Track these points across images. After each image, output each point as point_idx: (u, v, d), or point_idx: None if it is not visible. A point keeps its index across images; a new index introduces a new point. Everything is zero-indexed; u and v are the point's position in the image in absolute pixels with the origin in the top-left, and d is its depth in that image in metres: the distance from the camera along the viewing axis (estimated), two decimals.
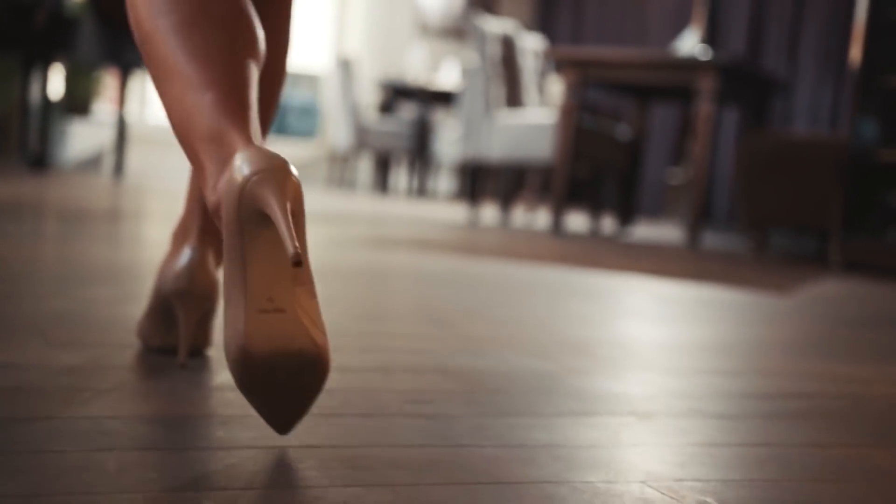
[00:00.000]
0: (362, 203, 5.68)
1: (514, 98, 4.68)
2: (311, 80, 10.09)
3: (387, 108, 7.85)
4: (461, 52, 8.87)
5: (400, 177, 8.83)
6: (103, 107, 8.37)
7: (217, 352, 1.07)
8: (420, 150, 7.24)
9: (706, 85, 4.04)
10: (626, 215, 4.88)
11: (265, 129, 0.99)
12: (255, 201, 0.69)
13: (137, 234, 2.52)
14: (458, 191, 8.26)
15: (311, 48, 9.82)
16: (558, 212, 4.33)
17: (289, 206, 0.68)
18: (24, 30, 5.64)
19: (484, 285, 2.02)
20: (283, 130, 9.31)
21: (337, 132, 7.66)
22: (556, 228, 4.33)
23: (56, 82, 5.90)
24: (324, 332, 0.73)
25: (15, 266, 1.69)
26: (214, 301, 0.98)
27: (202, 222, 0.99)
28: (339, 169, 7.86)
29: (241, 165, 0.70)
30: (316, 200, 5.45)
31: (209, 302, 0.97)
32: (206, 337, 1.04)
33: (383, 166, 7.88)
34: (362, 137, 7.40)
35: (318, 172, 8.66)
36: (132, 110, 8.65)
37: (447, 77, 7.71)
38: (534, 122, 4.39)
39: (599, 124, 4.57)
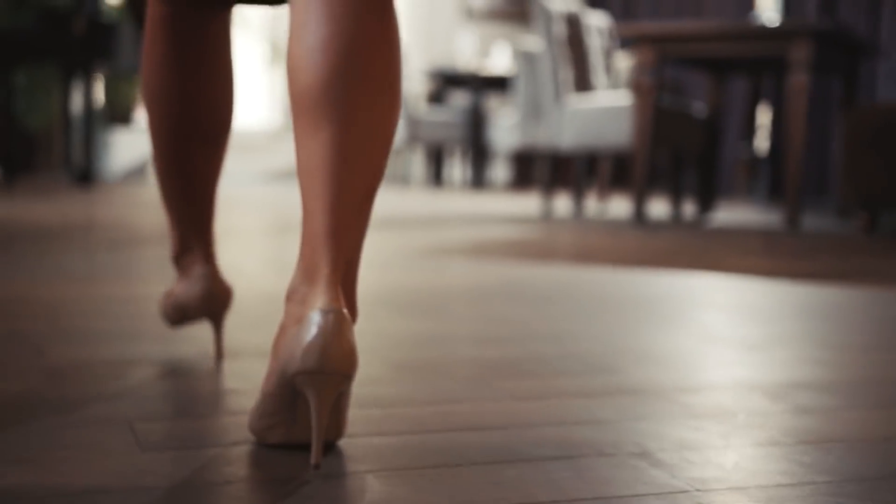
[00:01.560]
0: (417, 199, 5.46)
1: (582, 81, 4.41)
2: None
3: (436, 97, 7.61)
4: (511, 36, 8.59)
5: (454, 168, 8.59)
6: (143, 114, 8.22)
7: (352, 446, 0.85)
8: (474, 139, 7.00)
9: (800, 54, 3.74)
10: (708, 199, 4.59)
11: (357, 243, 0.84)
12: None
13: None
14: (514, 180, 8.00)
15: None
16: (640, 200, 4.06)
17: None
18: (63, 39, 5.49)
19: (572, 304, 1.77)
20: None
21: None
22: (639, 218, 4.06)
23: (98, 91, 5.74)
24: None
25: (70, 315, 1.47)
26: (353, 378, 0.78)
27: (333, 264, 0.79)
28: (390, 164, 7.64)
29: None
30: None
31: (348, 381, 0.77)
32: (341, 426, 0.84)
33: (436, 158, 7.65)
34: (413, 130, 7.18)
35: None
36: None
37: (499, 62, 7.45)
38: (608, 105, 4.12)
39: (677, 103, 4.29)
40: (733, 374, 1.17)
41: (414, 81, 8.18)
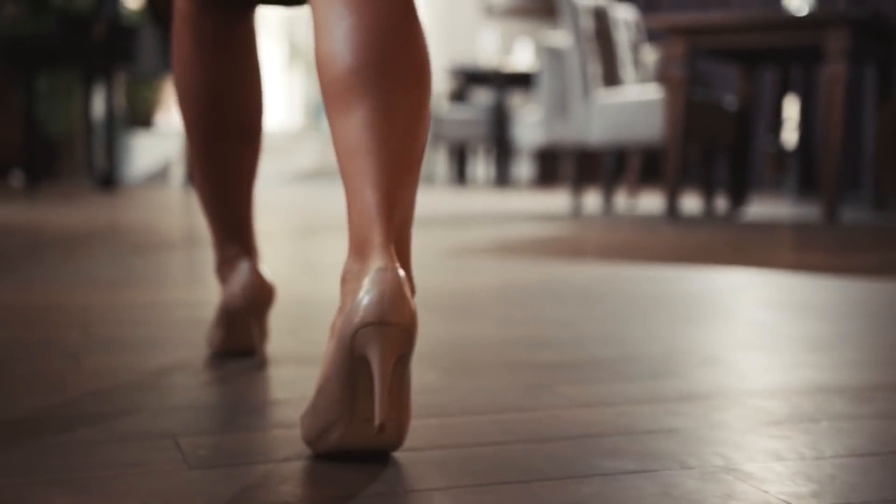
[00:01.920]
0: (441, 198, 5.40)
1: (610, 75, 4.34)
2: None
3: (459, 95, 7.56)
4: (532, 32, 8.52)
5: (477, 167, 8.53)
6: (165, 117, 8.22)
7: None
8: (498, 137, 6.94)
9: (836, 44, 3.66)
10: (740, 193, 4.51)
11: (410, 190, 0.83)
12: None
13: None
14: (538, 177, 7.93)
15: None
16: (672, 195, 3.98)
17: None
18: (83, 43, 5.47)
19: (617, 303, 1.71)
20: None
21: None
22: (672, 214, 3.99)
23: (119, 95, 5.72)
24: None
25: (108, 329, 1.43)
26: (415, 339, 0.75)
27: (385, 231, 0.77)
28: None
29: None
30: None
31: (410, 340, 0.74)
32: (403, 426, 0.78)
33: (460, 157, 7.59)
34: (436, 128, 7.12)
35: None
36: None
37: (521, 59, 7.38)
38: (638, 100, 4.05)
39: (707, 96, 4.21)
40: (805, 376, 1.10)
41: (436, 80, 8.12)
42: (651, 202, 5.44)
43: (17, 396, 0.97)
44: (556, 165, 7.90)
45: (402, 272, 0.74)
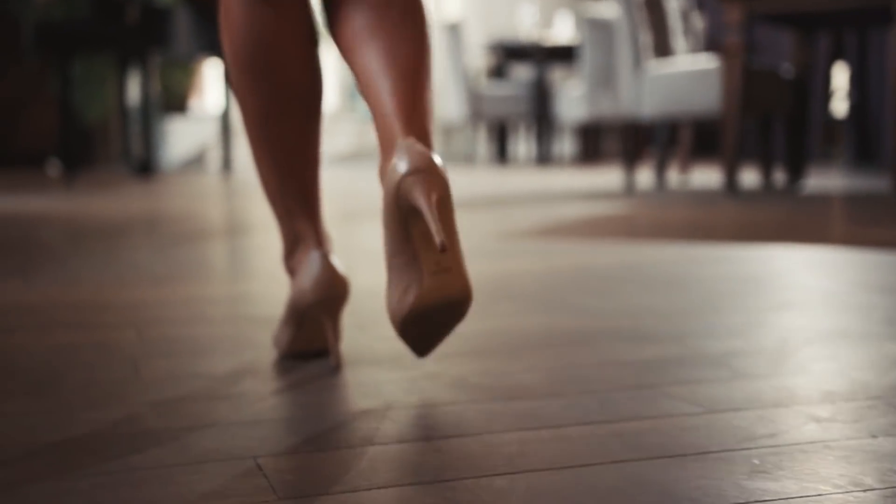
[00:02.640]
0: (483, 178, 5.29)
1: (661, 45, 4.19)
2: None
3: (498, 72, 7.42)
4: (572, 5, 8.35)
5: (518, 145, 8.39)
6: (200, 101, 8.16)
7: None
8: (539, 113, 6.80)
9: None
10: (799, 165, 4.35)
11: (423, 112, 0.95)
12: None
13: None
14: (580, 154, 7.79)
15: None
16: (731, 169, 3.84)
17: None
18: (117, 28, 5.41)
19: (703, 288, 1.59)
20: None
21: (447, 103, 7.27)
22: (731, 188, 3.85)
23: (154, 80, 5.66)
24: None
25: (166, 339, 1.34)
26: (448, 181, 0.90)
27: (405, 128, 0.91)
28: (452, 142, 7.48)
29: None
30: None
31: (447, 187, 0.89)
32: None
33: (500, 135, 7.46)
34: (476, 106, 7.00)
35: None
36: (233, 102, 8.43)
37: (562, 32, 7.23)
38: (692, 69, 3.90)
39: (764, 64, 4.05)
40: None
41: (474, 56, 7.99)
42: (703, 177, 5.29)
43: (76, 411, 0.88)
44: (599, 141, 7.75)
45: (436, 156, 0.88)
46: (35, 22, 5.35)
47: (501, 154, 7.46)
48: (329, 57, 8.57)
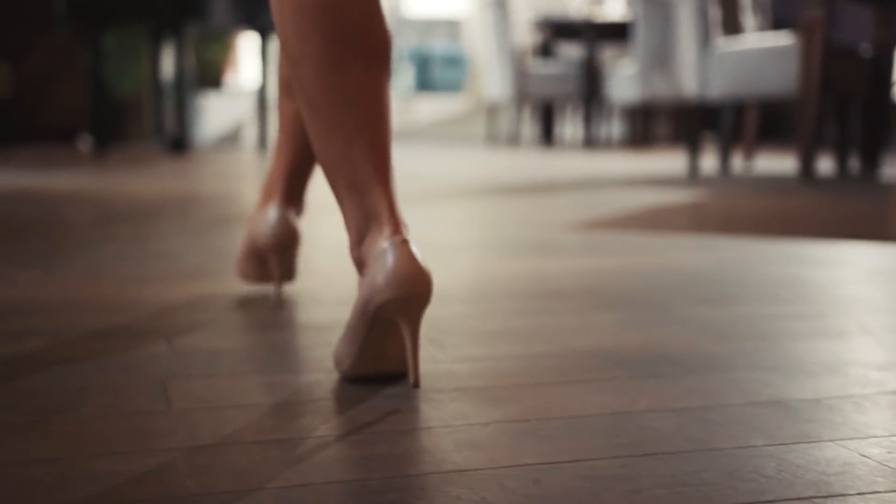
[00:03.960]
0: (531, 160, 5.07)
1: (730, 22, 3.95)
2: (450, 27, 9.49)
3: (544, 50, 7.18)
4: None
5: (565, 126, 8.14)
6: (235, 76, 8.00)
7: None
8: (589, 94, 6.56)
9: None
10: (875, 152, 4.10)
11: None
12: (393, 318, 0.85)
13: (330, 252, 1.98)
14: (631, 137, 7.54)
15: None
16: (808, 155, 3.60)
17: (420, 324, 0.85)
18: None
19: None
20: (426, 85, 8.75)
21: (492, 82, 7.05)
22: (807, 176, 3.61)
23: (188, 54, 5.49)
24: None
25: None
26: (298, 246, 1.26)
27: (286, 187, 1.27)
28: (495, 122, 7.26)
29: (388, 273, 0.83)
30: (474, 163, 4.87)
31: (294, 248, 1.26)
32: (292, 272, 1.30)
33: (546, 116, 7.23)
34: (521, 85, 6.77)
35: (471, 128, 8.09)
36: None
37: (613, 9, 6.98)
38: (767, 46, 3.66)
39: (842, 42, 3.79)
40: None
41: (521, 33, 7.76)
42: (769, 163, 5.04)
43: (91, 459, 0.69)
44: (649, 124, 7.50)
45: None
46: None
47: (547, 136, 7.24)
48: None
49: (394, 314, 0.84)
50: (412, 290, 0.83)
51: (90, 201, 2.75)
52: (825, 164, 4.82)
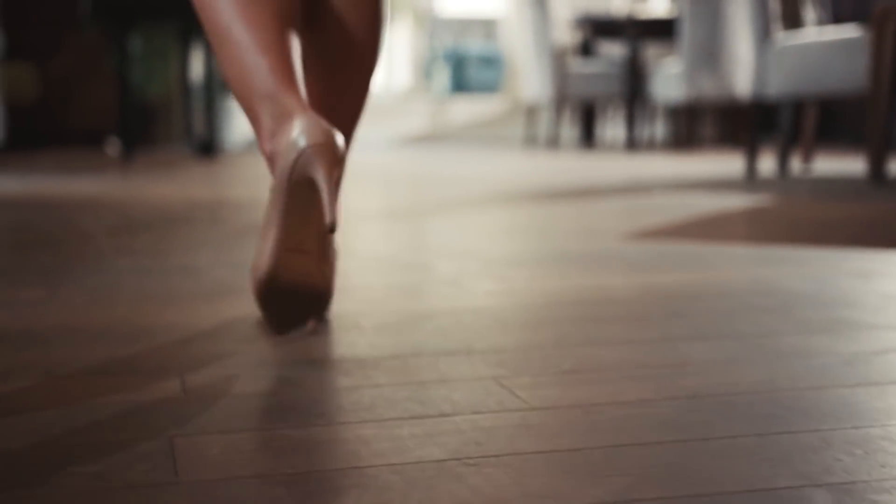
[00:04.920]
0: (569, 162, 4.87)
1: (790, 16, 3.73)
2: (486, 26, 9.31)
3: (584, 48, 6.98)
4: None
5: (605, 127, 7.93)
6: None
7: None
8: (632, 93, 6.34)
9: None
10: None
11: (355, 116, 1.12)
12: (306, 171, 0.89)
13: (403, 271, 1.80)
14: (674, 138, 7.32)
15: None
16: (879, 156, 3.38)
17: (335, 177, 0.88)
18: None
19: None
20: (462, 86, 8.57)
21: (530, 82, 6.86)
22: (877, 178, 3.39)
23: None
24: (333, 273, 1.08)
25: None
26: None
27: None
28: (534, 123, 7.07)
29: (299, 136, 0.88)
30: (513, 166, 4.68)
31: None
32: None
33: (587, 116, 7.03)
34: (561, 85, 6.58)
35: (508, 130, 7.90)
36: None
37: (657, 5, 6.76)
38: (832, 39, 3.44)
39: None
40: None
41: (560, 32, 7.57)
42: (828, 165, 4.80)
43: None
44: (696, 124, 7.27)
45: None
46: None
47: (588, 137, 7.03)
48: (399, 34, 8.22)
49: (307, 165, 0.89)
50: (324, 138, 0.90)
51: (110, 208, 2.59)
52: (893, 167, 4.58)
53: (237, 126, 7.41)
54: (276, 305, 0.92)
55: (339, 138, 0.90)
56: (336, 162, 0.88)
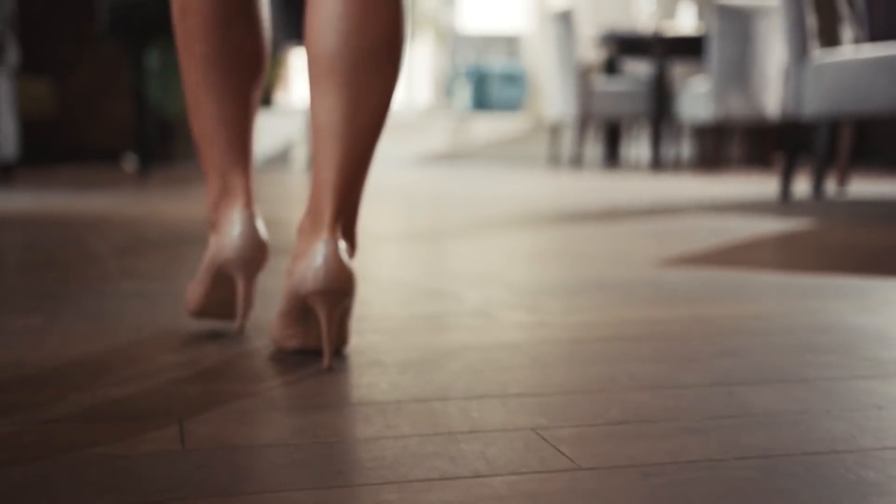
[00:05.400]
0: (593, 182, 4.77)
1: (828, 33, 3.62)
2: (509, 43, 9.23)
3: (609, 66, 6.88)
4: None
5: (630, 146, 7.82)
6: (285, 94, 7.82)
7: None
8: (658, 112, 6.23)
9: None
10: None
11: (370, 141, 1.03)
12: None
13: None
14: (700, 158, 7.20)
15: (504, 5, 8.96)
16: None
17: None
18: None
19: None
20: (484, 104, 8.47)
21: (554, 100, 6.76)
22: None
23: None
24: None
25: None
26: (354, 296, 0.99)
27: (335, 211, 0.99)
28: (557, 142, 6.97)
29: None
30: (537, 186, 4.58)
31: (349, 298, 0.98)
32: (345, 336, 1.05)
33: (611, 135, 6.92)
34: (585, 104, 6.48)
35: (530, 149, 7.80)
36: None
37: (684, 23, 6.66)
38: (875, 57, 3.33)
39: None
40: None
41: (585, 49, 7.48)
42: (865, 187, 4.68)
43: None
44: (723, 144, 7.15)
45: (343, 244, 0.98)
46: (110, 4, 5.03)
47: (612, 157, 6.93)
48: (420, 51, 8.15)
49: (233, 270, 1.10)
50: (251, 254, 1.09)
51: (121, 227, 2.51)
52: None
53: (256, 143, 7.36)
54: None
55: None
56: (257, 270, 1.08)
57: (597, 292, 1.51)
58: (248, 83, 1.13)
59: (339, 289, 0.96)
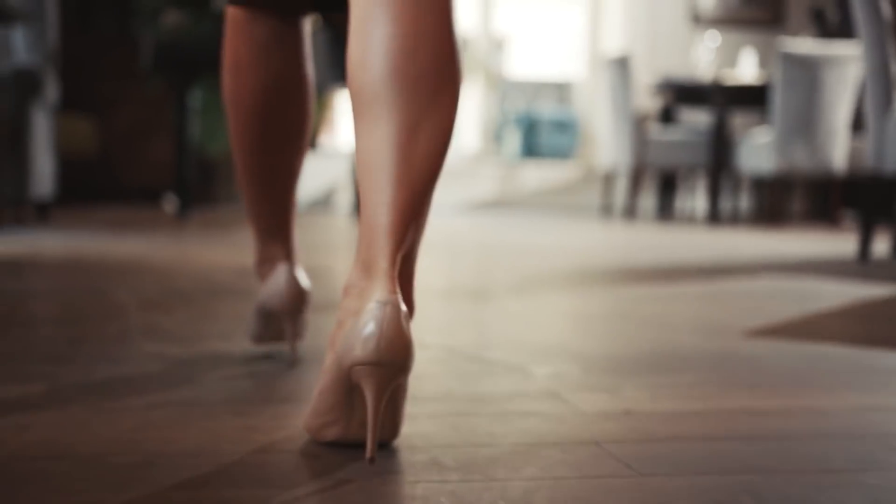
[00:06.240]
0: (647, 235, 4.56)
1: None
2: (560, 90, 9.09)
3: (666, 115, 6.70)
4: (762, 41, 7.57)
5: (685, 198, 7.61)
6: (330, 137, 7.73)
7: None
8: (717, 163, 6.02)
9: None
10: None
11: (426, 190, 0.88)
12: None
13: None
14: (759, 212, 6.97)
15: (555, 52, 8.84)
16: None
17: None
18: None
19: None
20: (533, 151, 8.32)
21: (607, 149, 6.58)
22: None
23: None
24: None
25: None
26: (409, 370, 0.81)
27: (391, 259, 0.82)
28: (610, 192, 6.78)
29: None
30: (590, 238, 4.38)
31: (405, 374, 0.81)
32: (397, 424, 0.88)
33: (666, 186, 6.72)
34: (640, 153, 6.30)
35: (581, 198, 7.62)
36: None
37: (745, 71, 6.47)
38: None
39: None
40: None
41: (640, 96, 7.32)
42: None
43: None
44: (785, 198, 6.92)
45: (403, 306, 0.80)
46: (156, 43, 4.96)
47: (667, 209, 6.72)
48: (469, 96, 8.04)
49: (281, 316, 1.20)
50: (294, 304, 1.20)
51: (152, 274, 2.35)
52: None
53: (300, 186, 7.26)
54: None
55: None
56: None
57: (682, 371, 1.32)
58: (293, 156, 1.22)
59: (393, 361, 0.79)
